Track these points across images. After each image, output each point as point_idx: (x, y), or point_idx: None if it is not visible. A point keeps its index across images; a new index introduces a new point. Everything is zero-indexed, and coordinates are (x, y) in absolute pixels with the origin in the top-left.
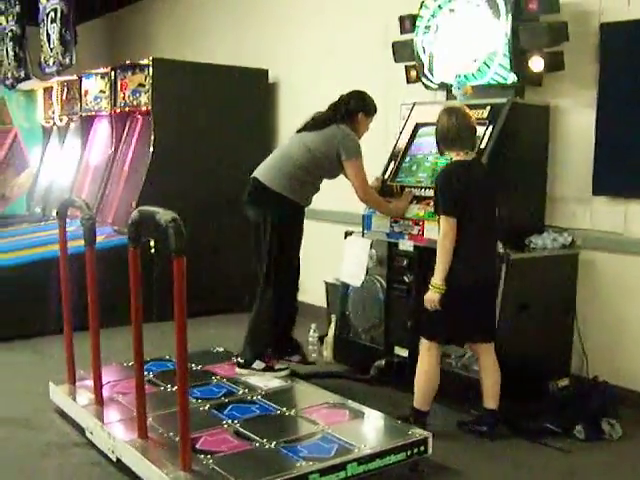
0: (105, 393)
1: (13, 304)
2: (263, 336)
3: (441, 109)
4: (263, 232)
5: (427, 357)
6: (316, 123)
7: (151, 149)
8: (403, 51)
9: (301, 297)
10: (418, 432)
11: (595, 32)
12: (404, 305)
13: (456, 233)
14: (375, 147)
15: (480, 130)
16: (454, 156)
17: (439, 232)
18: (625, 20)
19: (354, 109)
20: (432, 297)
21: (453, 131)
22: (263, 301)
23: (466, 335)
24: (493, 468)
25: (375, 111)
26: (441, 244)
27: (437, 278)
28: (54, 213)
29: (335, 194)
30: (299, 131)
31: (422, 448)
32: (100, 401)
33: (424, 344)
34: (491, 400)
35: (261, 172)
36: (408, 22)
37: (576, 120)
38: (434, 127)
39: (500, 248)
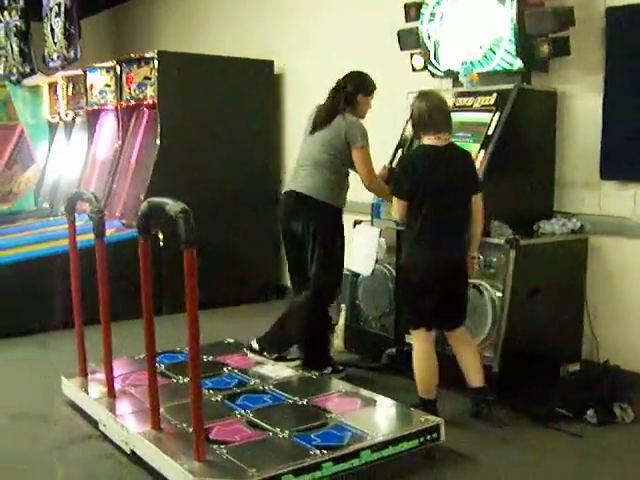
0: (117, 386)
1: (22, 299)
2: (290, 335)
3: (416, 94)
4: (308, 241)
5: (416, 345)
6: (323, 120)
7: (158, 142)
8: (408, 39)
9: None
10: (431, 419)
11: (601, 17)
12: None
13: (415, 216)
14: (382, 135)
15: (487, 116)
16: (426, 140)
17: None
18: (631, 4)
19: (352, 92)
20: None
21: (425, 115)
22: (301, 305)
23: (433, 320)
24: (505, 453)
25: (374, 88)
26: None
27: None
28: (62, 208)
29: None
30: (312, 132)
31: (435, 435)
32: (112, 394)
33: (412, 332)
34: (475, 378)
35: (298, 184)
36: (413, 10)
37: (583, 105)
38: None
39: (509, 234)
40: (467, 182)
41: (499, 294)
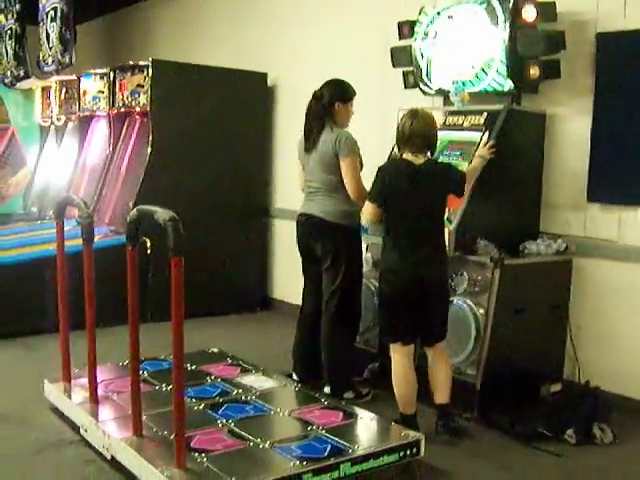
0: (100, 391)
1: (8, 302)
2: (344, 364)
3: (407, 111)
4: (328, 262)
5: (394, 358)
6: (314, 137)
7: (149, 150)
8: (401, 56)
9: (293, 299)
10: (411, 434)
11: (591, 41)
12: None
13: (387, 228)
14: (372, 152)
15: (476, 135)
16: (404, 155)
17: None
18: (621, 30)
19: (329, 102)
20: None
21: (407, 134)
22: (334, 334)
23: (409, 335)
24: (484, 470)
25: (353, 94)
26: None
27: None
28: (50, 212)
29: None
30: (307, 150)
31: (415, 449)
32: (95, 399)
33: (390, 347)
34: (442, 394)
35: (313, 208)
36: (406, 28)
37: (572, 128)
38: None
39: (495, 253)
40: (442, 191)
41: (482, 312)
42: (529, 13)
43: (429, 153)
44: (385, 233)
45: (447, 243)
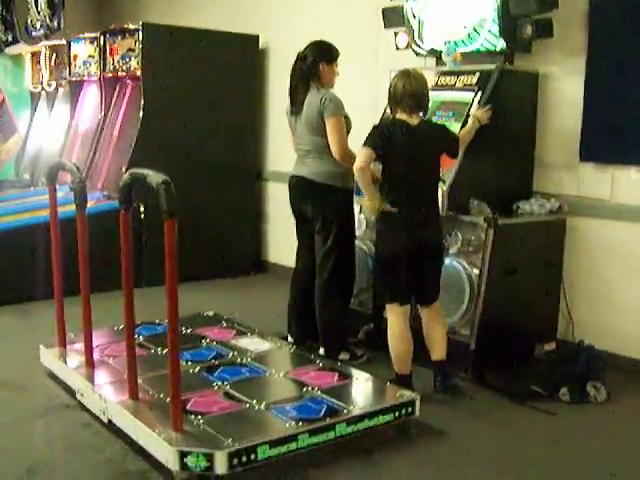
0: (95, 356)
1: (3, 269)
2: (339, 326)
3: (398, 71)
4: (321, 224)
5: (390, 319)
6: (299, 99)
7: (141, 114)
8: (393, 17)
9: (287, 261)
10: (406, 394)
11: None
12: None
13: (387, 185)
14: (364, 113)
15: (469, 96)
16: (398, 115)
17: None
18: None
19: (313, 63)
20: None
21: (399, 94)
22: (327, 296)
23: (407, 295)
24: (479, 429)
25: (337, 55)
26: (355, 174)
27: (367, 200)
28: (43, 179)
29: None
30: (293, 112)
31: (410, 409)
32: (91, 364)
33: (386, 307)
34: (438, 351)
35: (303, 170)
36: None
37: (564, 87)
38: None
39: (488, 213)
40: (437, 152)
41: (477, 272)
42: None
43: (421, 113)
44: (381, 193)
45: (440, 203)
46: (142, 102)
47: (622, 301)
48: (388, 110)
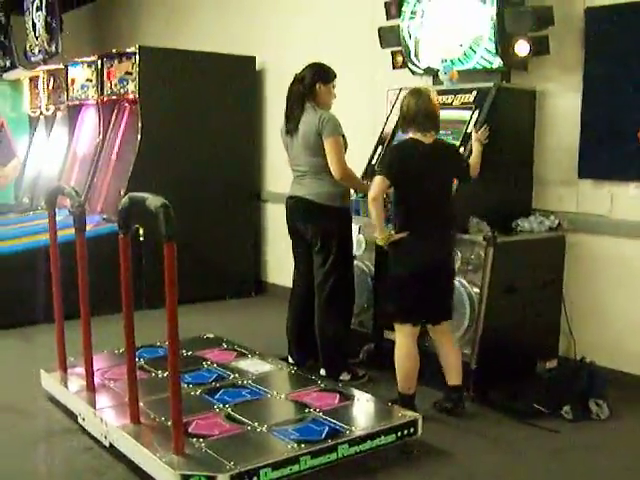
0: (96, 380)
1: (3, 293)
2: (339, 346)
3: (408, 90)
4: (319, 244)
5: (399, 339)
6: (295, 118)
7: (139, 137)
8: (389, 37)
9: (287, 282)
10: (408, 414)
11: (580, 16)
12: None
13: (402, 209)
14: (362, 133)
15: (467, 114)
16: (412, 134)
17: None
18: (609, 4)
19: (310, 83)
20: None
21: (412, 113)
22: (327, 316)
23: (421, 315)
24: (481, 448)
25: (333, 76)
26: (369, 204)
27: (377, 233)
28: (42, 203)
29: None
30: (288, 133)
31: (412, 429)
32: (92, 387)
33: (396, 327)
34: (454, 376)
35: (301, 190)
36: (394, 8)
37: (562, 104)
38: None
39: (487, 231)
40: (451, 175)
41: (477, 290)
42: None
43: (434, 132)
44: (397, 215)
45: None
46: (140, 125)
47: (623, 317)
48: (389, 128)
